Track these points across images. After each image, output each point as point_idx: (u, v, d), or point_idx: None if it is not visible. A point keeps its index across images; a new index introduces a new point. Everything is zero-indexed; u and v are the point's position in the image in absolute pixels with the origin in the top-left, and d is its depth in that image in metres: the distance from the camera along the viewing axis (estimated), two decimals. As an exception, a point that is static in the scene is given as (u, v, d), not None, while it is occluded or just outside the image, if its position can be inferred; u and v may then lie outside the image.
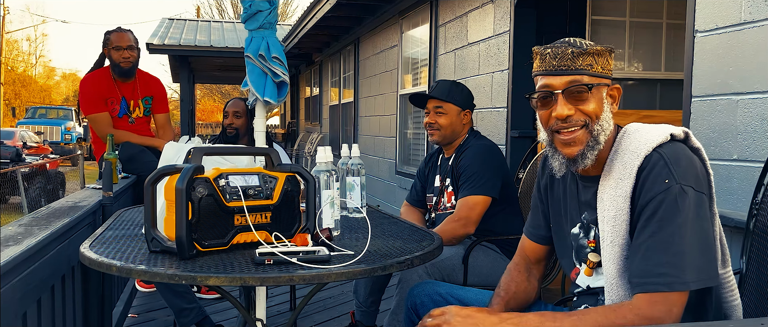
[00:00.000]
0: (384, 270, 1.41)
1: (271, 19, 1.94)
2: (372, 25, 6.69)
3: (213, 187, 1.47)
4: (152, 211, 1.50)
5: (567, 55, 1.38)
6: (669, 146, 1.31)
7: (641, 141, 1.33)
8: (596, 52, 1.38)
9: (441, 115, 2.53)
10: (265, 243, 1.54)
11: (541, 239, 1.63)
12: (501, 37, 3.75)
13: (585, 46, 1.38)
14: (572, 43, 1.40)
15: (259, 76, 1.93)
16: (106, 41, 3.48)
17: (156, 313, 3.54)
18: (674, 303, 1.22)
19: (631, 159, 1.33)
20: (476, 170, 2.44)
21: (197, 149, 1.51)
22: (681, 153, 1.29)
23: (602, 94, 1.39)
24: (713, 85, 2.14)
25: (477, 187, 2.41)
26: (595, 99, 1.37)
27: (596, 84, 1.37)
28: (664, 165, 1.27)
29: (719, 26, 2.11)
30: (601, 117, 1.37)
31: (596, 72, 1.38)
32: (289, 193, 1.63)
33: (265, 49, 1.91)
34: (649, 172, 1.29)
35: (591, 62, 1.38)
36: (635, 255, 1.28)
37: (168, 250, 1.48)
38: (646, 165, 1.30)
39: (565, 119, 1.37)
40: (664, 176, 1.26)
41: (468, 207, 2.39)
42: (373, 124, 6.76)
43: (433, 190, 2.69)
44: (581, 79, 1.37)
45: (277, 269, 1.34)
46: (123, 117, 3.60)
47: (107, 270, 1.37)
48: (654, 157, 1.30)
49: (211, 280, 1.28)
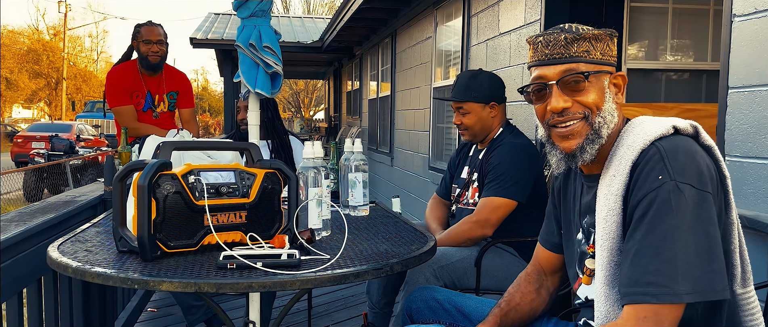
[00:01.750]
0: (357, 277, 1.29)
1: (264, 7, 1.83)
2: (408, 17, 6.54)
3: (181, 184, 1.38)
4: (121, 209, 1.43)
5: (560, 41, 1.22)
6: (669, 139, 1.13)
7: (640, 134, 1.16)
8: (594, 36, 1.22)
9: (464, 114, 2.41)
10: (243, 244, 1.45)
11: (555, 247, 1.48)
12: (532, 26, 3.55)
13: (580, 31, 1.22)
14: (566, 28, 1.24)
15: (251, 66, 1.84)
16: (136, 34, 3.47)
17: (175, 308, 3.52)
18: (665, 318, 1.05)
19: (627, 153, 1.16)
20: (505, 170, 2.28)
21: (166, 143, 1.43)
22: (681, 146, 1.11)
23: (603, 82, 1.23)
24: (752, 74, 1.92)
25: (503, 189, 2.26)
26: (594, 88, 1.21)
27: (594, 72, 1.21)
28: (659, 159, 1.10)
29: (759, 9, 1.89)
30: (602, 108, 1.21)
31: (595, 59, 1.22)
32: (268, 191, 1.52)
33: (256, 38, 1.81)
34: (643, 167, 1.12)
35: (588, 48, 1.22)
36: (625, 260, 1.11)
37: (135, 250, 1.40)
38: (640, 160, 1.13)
39: (562, 112, 1.22)
40: (658, 172, 1.09)
41: (490, 208, 2.25)
42: (408, 118, 6.62)
43: (460, 182, 2.57)
44: (577, 67, 1.21)
45: (238, 274, 1.24)
46: (147, 111, 3.59)
47: (63, 271, 1.29)
48: (650, 151, 1.12)
49: (164, 285, 1.19)
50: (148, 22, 3.54)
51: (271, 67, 1.83)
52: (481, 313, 1.52)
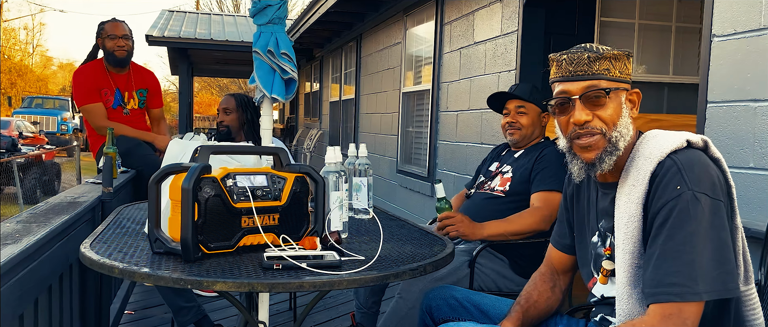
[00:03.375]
0: (397, 277, 1.36)
1: (281, 15, 1.88)
2: (375, 22, 6.62)
3: (220, 187, 1.42)
4: (156, 211, 1.45)
5: (583, 60, 1.34)
6: (684, 153, 1.27)
7: (656, 147, 1.30)
8: (613, 56, 1.35)
9: (523, 114, 2.52)
10: (273, 246, 1.49)
11: (567, 248, 1.59)
12: (508, 36, 3.69)
13: (601, 51, 1.35)
14: (588, 47, 1.37)
15: (268, 72, 1.88)
16: (100, 31, 3.43)
17: (153, 310, 3.49)
18: (688, 315, 1.17)
19: (645, 164, 1.29)
20: (558, 168, 2.39)
21: (204, 147, 1.46)
22: (696, 160, 1.25)
23: (620, 98, 1.35)
24: (730, 90, 2.09)
25: (557, 183, 2.36)
26: (613, 104, 1.34)
27: (614, 88, 1.33)
28: (677, 171, 1.23)
29: (738, 31, 2.06)
30: (619, 123, 1.34)
31: (614, 76, 1.35)
32: (298, 194, 1.58)
33: (273, 44, 1.85)
34: (662, 178, 1.25)
35: (608, 66, 1.34)
36: (648, 264, 1.24)
37: (172, 251, 1.42)
38: (659, 171, 1.26)
39: (583, 125, 1.34)
40: (676, 182, 1.22)
41: (553, 206, 2.32)
42: (374, 121, 6.70)
43: (487, 173, 2.68)
44: (598, 83, 1.33)
45: (286, 274, 1.29)
46: (117, 108, 3.54)
47: (109, 272, 1.31)
48: (667, 163, 1.26)
49: (218, 285, 1.23)
50: (112, 19, 3.53)
51: (287, 73, 1.87)
52: (499, 311, 1.62)
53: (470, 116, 4.19)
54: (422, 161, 5.21)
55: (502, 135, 3.74)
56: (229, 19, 13.30)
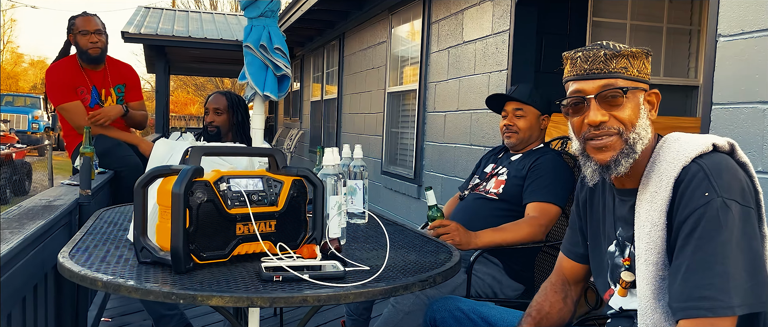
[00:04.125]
0: (406, 289, 1.26)
1: (273, 7, 1.77)
2: (359, 20, 6.52)
3: (213, 191, 1.31)
4: (143, 218, 1.34)
5: (599, 57, 1.26)
6: (710, 157, 1.19)
7: (680, 151, 1.21)
8: (631, 53, 1.27)
9: (521, 117, 2.44)
10: (272, 255, 1.39)
11: (580, 258, 1.50)
12: (500, 36, 3.62)
13: (619, 48, 1.27)
14: (605, 45, 1.28)
15: (260, 68, 1.77)
16: (71, 27, 3.25)
17: (131, 317, 3.35)
18: None
19: (668, 170, 1.21)
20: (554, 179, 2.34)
21: (196, 148, 1.35)
22: (724, 164, 1.17)
23: (638, 99, 1.27)
24: (737, 92, 2.04)
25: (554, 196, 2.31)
26: (630, 104, 1.25)
27: (632, 88, 1.25)
28: (704, 177, 1.15)
29: (746, 31, 2.01)
30: (636, 124, 1.26)
31: (632, 75, 1.26)
32: (295, 199, 1.47)
33: (266, 39, 1.74)
34: (688, 184, 1.17)
35: (626, 65, 1.26)
36: (675, 277, 1.16)
37: (160, 261, 1.31)
38: (684, 177, 1.18)
39: (598, 126, 1.26)
40: (704, 189, 1.14)
41: (549, 216, 2.29)
42: (358, 121, 6.60)
43: (482, 175, 2.60)
44: (615, 82, 1.25)
45: (287, 287, 1.19)
46: (95, 107, 3.38)
47: (91, 285, 1.19)
48: (693, 168, 1.17)
49: (214, 299, 1.12)
50: (82, 13, 3.35)
51: (280, 69, 1.77)
52: (508, 323, 1.53)
53: (459, 117, 4.11)
54: (408, 163, 5.12)
55: (493, 136, 3.68)
56: (207, 16, 13.08)
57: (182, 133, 1.70)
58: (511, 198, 2.41)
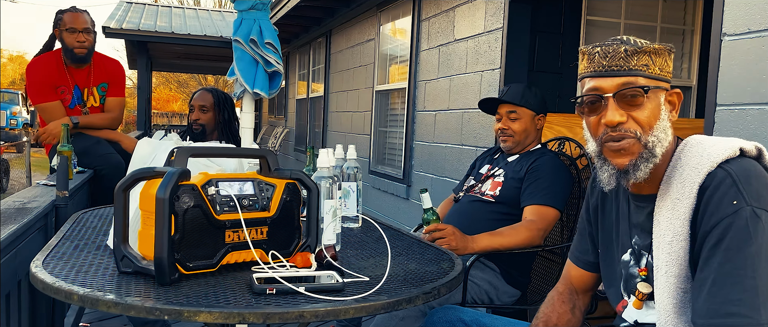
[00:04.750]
0: (409, 302, 1.17)
1: (265, 0, 1.67)
2: (347, 18, 6.42)
3: (201, 196, 1.21)
4: (124, 224, 1.23)
5: (619, 53, 1.18)
6: (737, 162, 1.11)
7: (704, 155, 1.13)
8: (654, 50, 1.18)
9: (515, 120, 2.37)
10: (264, 265, 1.29)
11: (589, 266, 1.42)
12: (492, 34, 3.55)
13: (641, 44, 1.18)
14: (625, 40, 1.20)
15: (250, 64, 1.67)
16: (58, 21, 3.10)
17: (111, 322, 3.23)
18: None
19: (692, 176, 1.13)
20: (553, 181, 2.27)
21: (182, 149, 1.25)
22: (752, 170, 1.09)
23: (659, 99, 1.19)
24: (743, 93, 1.97)
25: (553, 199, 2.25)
26: (651, 104, 1.17)
27: (653, 87, 1.17)
28: (732, 184, 1.07)
29: (753, 30, 1.95)
30: (656, 126, 1.18)
31: (653, 74, 1.18)
32: (288, 203, 1.38)
33: (257, 33, 1.64)
34: (714, 191, 1.09)
35: (647, 62, 1.18)
36: (700, 291, 1.07)
37: (142, 271, 1.21)
38: (709, 183, 1.10)
39: (616, 127, 1.17)
40: (732, 197, 1.06)
41: (547, 220, 2.23)
42: (345, 120, 6.50)
43: (477, 176, 2.53)
44: (636, 81, 1.17)
45: (282, 301, 1.09)
46: (75, 108, 3.23)
47: (66, 298, 1.09)
48: (719, 174, 1.09)
49: (202, 316, 1.02)
50: (71, 8, 3.19)
51: (271, 65, 1.67)
52: None
53: (450, 116, 4.03)
54: (397, 162, 5.03)
55: (485, 136, 3.60)
56: (191, 12, 12.87)
57: (167, 132, 1.59)
58: (508, 200, 2.34)
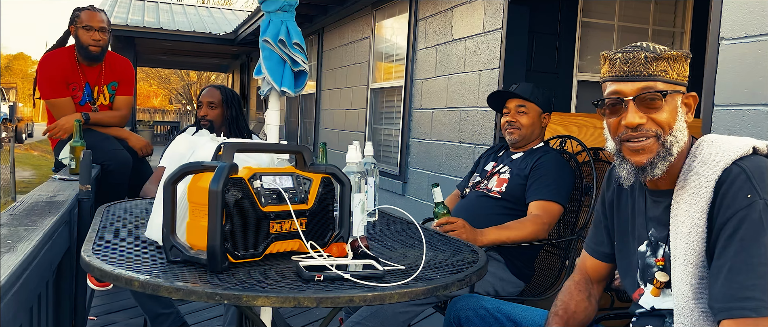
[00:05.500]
0: (445, 289, 1.25)
1: (291, 2, 1.74)
2: (340, 16, 6.48)
3: (248, 189, 1.28)
4: (173, 216, 1.30)
5: (640, 59, 1.27)
6: (751, 159, 1.21)
7: (720, 153, 1.23)
8: (672, 57, 1.28)
9: (523, 114, 2.47)
10: (307, 253, 1.36)
11: (604, 257, 1.52)
12: (491, 34, 3.64)
13: (659, 51, 1.28)
14: (645, 47, 1.30)
15: (278, 63, 1.74)
16: (74, 18, 3.13)
17: (116, 316, 3.27)
18: None
19: (708, 172, 1.23)
20: (557, 177, 2.37)
21: (229, 145, 1.31)
22: (765, 167, 1.19)
23: (676, 102, 1.29)
24: (740, 94, 2.09)
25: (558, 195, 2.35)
26: (668, 107, 1.27)
27: (671, 91, 1.27)
28: (746, 179, 1.17)
29: (749, 35, 2.06)
30: (674, 127, 1.28)
31: (671, 78, 1.28)
32: (324, 197, 1.45)
33: (285, 34, 1.71)
34: (729, 186, 1.19)
35: (665, 68, 1.28)
36: (717, 278, 1.17)
37: (191, 260, 1.27)
38: (725, 178, 1.20)
39: (636, 128, 1.27)
40: (746, 191, 1.16)
41: (552, 215, 2.33)
42: (338, 117, 6.56)
43: (482, 173, 2.62)
44: (654, 85, 1.27)
45: (332, 287, 1.17)
46: (85, 105, 3.27)
47: (126, 285, 1.16)
48: (734, 170, 1.20)
49: (260, 300, 1.10)
50: (89, 7, 3.23)
51: (297, 64, 1.74)
52: (532, 322, 1.54)
53: (448, 114, 4.12)
54: (393, 159, 5.11)
55: (483, 134, 3.70)
56: (178, 8, 12.83)
57: (198, 128, 1.66)
58: (514, 196, 2.43)
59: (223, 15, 12.75)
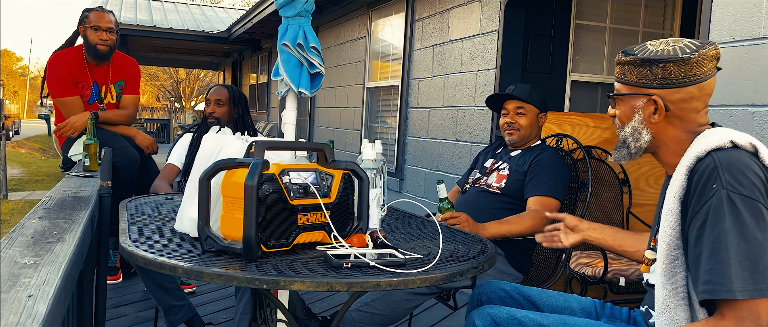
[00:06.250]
0: (461, 275, 1.36)
1: (308, 7, 1.84)
2: (335, 15, 6.57)
3: (278, 184, 1.38)
4: (207, 208, 1.40)
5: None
6: (726, 151, 1.28)
7: (701, 144, 1.32)
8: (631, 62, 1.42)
9: (521, 115, 2.57)
10: (332, 243, 1.47)
11: None
12: (488, 35, 3.76)
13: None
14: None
15: (295, 66, 1.84)
16: (83, 19, 3.21)
17: (125, 309, 3.35)
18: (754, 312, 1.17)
19: (686, 160, 1.33)
20: (554, 174, 2.48)
21: (259, 143, 1.42)
22: (737, 160, 1.25)
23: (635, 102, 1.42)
24: (727, 95, 2.22)
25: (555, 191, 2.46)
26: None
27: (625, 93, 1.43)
28: (714, 169, 1.25)
29: (737, 39, 2.19)
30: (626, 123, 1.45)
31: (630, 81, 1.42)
32: (344, 191, 1.55)
33: (303, 38, 1.82)
34: (700, 176, 1.28)
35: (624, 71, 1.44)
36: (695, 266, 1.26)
37: (225, 249, 1.38)
38: (697, 168, 1.29)
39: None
40: (713, 181, 1.25)
41: (549, 209, 2.43)
42: (334, 115, 6.66)
43: (482, 170, 2.72)
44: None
45: (360, 273, 1.28)
46: (93, 103, 3.35)
47: (171, 271, 1.26)
48: (706, 160, 1.28)
49: (296, 285, 1.20)
50: (98, 8, 3.31)
51: (314, 66, 1.84)
52: (547, 302, 1.67)
53: (444, 113, 4.24)
54: (389, 157, 5.22)
55: (480, 133, 3.82)
56: (170, 6, 12.84)
57: (220, 127, 1.76)
58: (513, 192, 2.55)
59: (216, 12, 12.79)
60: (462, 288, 2.43)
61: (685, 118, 1.40)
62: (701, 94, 1.39)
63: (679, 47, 1.36)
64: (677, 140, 1.41)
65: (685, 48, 1.36)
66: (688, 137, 1.40)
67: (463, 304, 2.59)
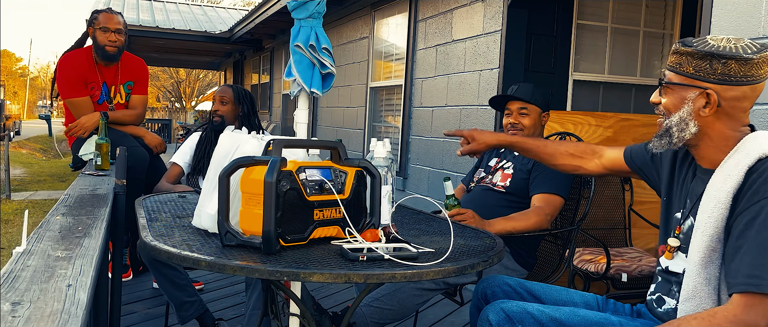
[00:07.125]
0: (472, 268, 1.42)
1: (320, 9, 1.90)
2: (338, 15, 6.62)
3: (296, 180, 1.44)
4: (227, 204, 1.45)
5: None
6: None
7: (758, 144, 1.37)
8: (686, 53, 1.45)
9: (525, 116, 2.61)
10: (340, 239, 1.52)
11: (631, 163, 1.76)
12: (491, 35, 3.81)
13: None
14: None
15: (307, 66, 1.89)
16: (93, 20, 3.27)
17: (135, 305, 3.40)
18: None
19: (743, 159, 1.37)
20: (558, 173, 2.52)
21: (277, 141, 1.47)
22: None
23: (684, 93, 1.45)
24: (727, 94, 2.27)
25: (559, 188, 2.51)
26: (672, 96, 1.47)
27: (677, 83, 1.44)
28: None
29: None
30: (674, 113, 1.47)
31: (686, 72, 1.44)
32: (358, 188, 1.61)
33: (315, 39, 1.87)
34: (759, 175, 1.32)
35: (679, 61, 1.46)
36: (733, 256, 1.31)
37: (245, 244, 1.43)
38: (757, 167, 1.34)
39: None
40: None
41: (556, 205, 2.49)
42: (337, 115, 6.71)
43: (487, 169, 2.77)
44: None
45: (375, 266, 1.33)
46: (103, 103, 3.40)
47: (194, 264, 1.31)
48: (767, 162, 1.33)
49: (315, 276, 1.25)
50: (107, 9, 3.37)
51: (326, 67, 1.90)
52: (550, 296, 1.72)
53: (448, 112, 4.29)
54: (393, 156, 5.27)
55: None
56: (172, 6, 12.89)
57: (235, 128, 1.81)
58: (518, 191, 2.60)
59: (217, 13, 12.84)
60: (468, 283, 2.49)
61: (733, 116, 1.42)
62: (753, 95, 1.42)
63: (741, 46, 1.39)
64: (723, 137, 1.44)
65: (747, 48, 1.38)
66: (734, 135, 1.44)
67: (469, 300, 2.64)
